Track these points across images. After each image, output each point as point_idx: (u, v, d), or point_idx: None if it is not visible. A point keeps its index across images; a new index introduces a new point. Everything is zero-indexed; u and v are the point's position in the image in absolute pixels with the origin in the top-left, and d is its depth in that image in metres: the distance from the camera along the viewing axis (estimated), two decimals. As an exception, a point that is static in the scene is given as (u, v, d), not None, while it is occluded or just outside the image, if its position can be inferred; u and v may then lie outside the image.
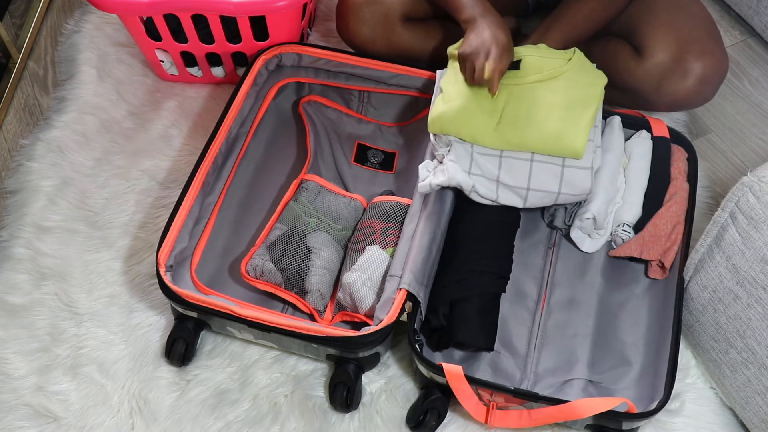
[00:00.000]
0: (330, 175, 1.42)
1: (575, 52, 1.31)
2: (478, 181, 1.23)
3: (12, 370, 1.27)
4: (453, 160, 1.23)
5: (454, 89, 1.26)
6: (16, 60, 1.66)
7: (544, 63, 1.28)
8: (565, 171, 1.23)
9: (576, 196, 1.25)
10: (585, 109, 1.24)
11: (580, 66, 1.29)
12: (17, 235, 1.41)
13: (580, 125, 1.23)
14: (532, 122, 1.23)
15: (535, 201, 1.25)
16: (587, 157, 1.24)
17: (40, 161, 1.50)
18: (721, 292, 1.13)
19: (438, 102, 1.26)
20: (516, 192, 1.24)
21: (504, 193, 1.25)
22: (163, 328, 1.30)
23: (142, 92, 1.61)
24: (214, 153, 1.33)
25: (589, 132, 1.24)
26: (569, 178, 1.24)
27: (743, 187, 1.05)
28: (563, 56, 1.29)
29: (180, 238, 1.25)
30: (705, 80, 1.38)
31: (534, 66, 1.27)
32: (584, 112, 1.24)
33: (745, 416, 1.19)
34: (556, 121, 1.23)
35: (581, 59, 1.30)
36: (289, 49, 1.46)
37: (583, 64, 1.30)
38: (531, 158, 1.24)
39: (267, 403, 1.23)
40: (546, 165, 1.24)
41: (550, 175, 1.24)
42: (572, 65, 1.28)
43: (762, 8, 1.64)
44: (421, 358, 1.15)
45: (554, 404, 1.11)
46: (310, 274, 1.24)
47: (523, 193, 1.24)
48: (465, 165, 1.23)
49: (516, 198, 1.25)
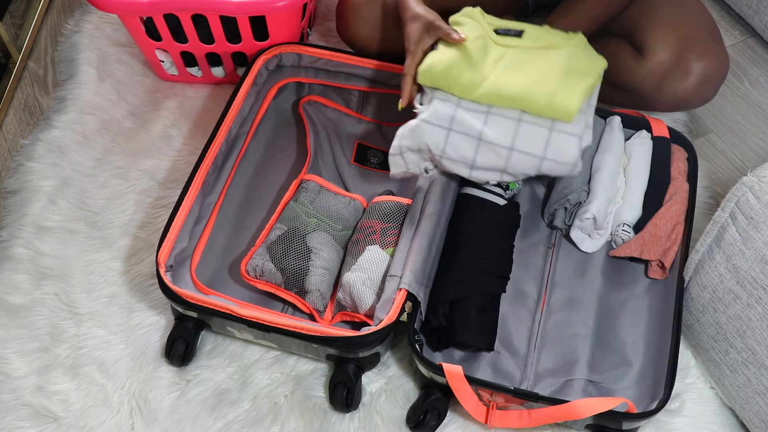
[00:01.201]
0: (330, 175, 1.42)
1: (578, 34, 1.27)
2: (456, 140, 1.17)
3: (12, 370, 1.27)
4: (426, 119, 1.18)
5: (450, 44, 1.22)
6: (16, 60, 1.66)
7: (546, 35, 1.24)
8: (553, 135, 1.17)
9: (561, 165, 1.17)
10: (583, 77, 1.19)
11: (581, 44, 1.25)
12: (17, 235, 1.41)
13: (576, 88, 1.17)
14: (527, 78, 1.18)
15: (516, 164, 1.18)
16: (577, 126, 1.18)
17: (40, 161, 1.50)
18: (721, 292, 1.13)
19: (432, 54, 1.21)
20: (497, 152, 1.18)
21: (484, 154, 1.18)
22: (163, 328, 1.30)
23: (142, 92, 1.61)
24: (214, 153, 1.33)
25: (584, 102, 1.18)
26: (556, 144, 1.17)
27: (743, 187, 1.05)
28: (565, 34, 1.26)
29: (180, 238, 1.25)
30: (706, 80, 1.38)
31: (535, 36, 1.24)
32: (582, 79, 1.19)
33: (745, 416, 1.19)
34: (552, 79, 1.18)
35: (583, 40, 1.26)
36: (289, 49, 1.46)
37: (585, 44, 1.26)
38: (519, 117, 1.17)
39: (267, 403, 1.23)
40: (534, 126, 1.17)
41: (537, 137, 1.17)
42: (573, 41, 1.24)
43: (762, 8, 1.64)
44: (421, 358, 1.15)
45: (554, 404, 1.11)
46: (310, 274, 1.24)
47: (505, 154, 1.17)
48: (444, 121, 1.18)
49: (496, 159, 1.18)
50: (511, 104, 1.17)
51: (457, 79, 1.18)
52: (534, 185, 1.40)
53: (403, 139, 1.20)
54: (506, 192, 1.34)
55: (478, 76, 1.18)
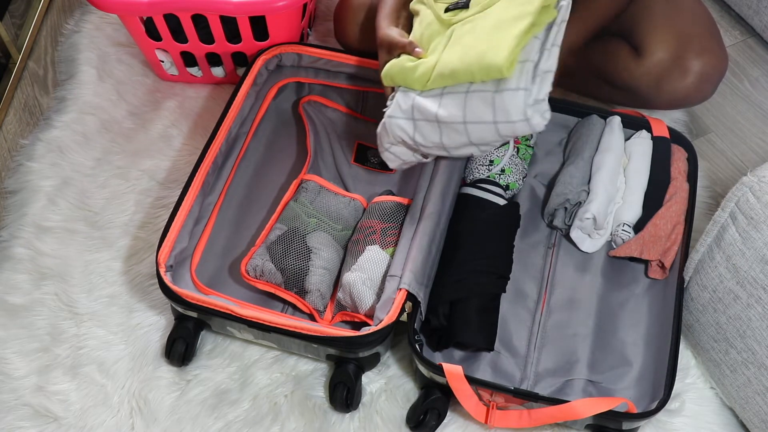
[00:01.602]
0: (330, 175, 1.42)
1: None
2: (421, 128, 1.18)
3: (12, 370, 1.27)
4: (390, 114, 1.19)
5: None
6: (16, 60, 1.66)
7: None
8: (497, 96, 1.11)
9: (513, 124, 1.11)
10: (514, 23, 1.12)
11: None
12: (17, 235, 1.41)
13: (504, 40, 1.11)
14: (460, 49, 1.15)
15: (477, 136, 1.15)
16: (520, 80, 1.10)
17: (40, 161, 1.50)
18: (721, 292, 1.13)
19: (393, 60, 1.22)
20: (456, 129, 1.15)
21: (447, 134, 1.16)
22: (163, 328, 1.30)
23: (142, 92, 1.61)
24: (214, 153, 1.33)
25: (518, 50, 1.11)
26: (501, 103, 1.11)
27: (743, 187, 1.05)
28: None
29: (180, 238, 1.25)
30: (705, 78, 1.38)
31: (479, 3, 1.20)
32: (512, 26, 1.12)
33: (745, 416, 1.19)
34: (482, 41, 1.13)
35: None
36: (289, 49, 1.46)
37: None
38: (467, 89, 1.14)
39: (267, 403, 1.23)
40: (479, 93, 1.13)
41: (484, 103, 1.11)
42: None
43: (762, 8, 1.64)
44: (421, 358, 1.15)
45: (554, 404, 1.11)
46: (310, 274, 1.24)
47: (462, 128, 1.15)
48: (407, 113, 1.18)
49: (458, 135, 1.15)
50: (456, 80, 1.14)
51: (412, 75, 1.18)
52: (534, 185, 1.40)
53: (382, 137, 1.22)
54: (506, 192, 1.34)
55: (429, 66, 1.17)
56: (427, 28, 1.22)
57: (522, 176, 1.37)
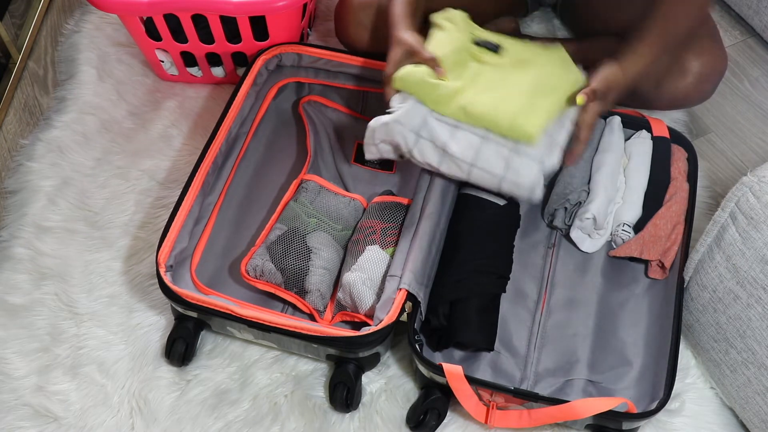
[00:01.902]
0: (330, 175, 1.42)
1: (558, 47, 1.27)
2: (423, 146, 1.19)
3: (12, 370, 1.27)
4: (398, 120, 1.19)
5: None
6: (16, 60, 1.66)
7: (523, 51, 1.24)
8: (514, 157, 1.16)
9: (519, 188, 1.17)
10: (549, 95, 1.19)
11: (559, 59, 1.25)
12: (17, 235, 1.41)
13: (538, 109, 1.17)
14: (495, 98, 1.18)
15: (477, 179, 1.19)
16: (539, 150, 1.17)
17: (40, 161, 1.50)
18: (721, 292, 1.13)
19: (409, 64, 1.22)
20: (459, 165, 1.18)
21: (447, 165, 1.19)
22: (163, 328, 1.30)
23: (142, 92, 1.61)
24: (214, 153, 1.33)
25: (548, 122, 1.17)
26: (516, 166, 1.16)
27: (743, 187, 1.05)
28: (543, 49, 1.26)
29: (180, 238, 1.25)
30: (704, 78, 1.38)
31: (512, 52, 1.24)
32: (547, 96, 1.18)
33: (745, 416, 1.19)
34: (517, 100, 1.18)
35: (562, 54, 1.26)
36: (289, 49, 1.46)
37: (563, 58, 1.26)
38: (485, 135, 1.17)
39: (267, 403, 1.23)
40: (496, 146, 1.17)
41: (498, 156, 1.17)
42: (549, 56, 1.24)
43: (762, 8, 1.64)
44: (421, 358, 1.15)
45: (554, 404, 1.11)
46: (310, 274, 1.24)
47: (466, 168, 1.18)
48: (414, 126, 1.19)
49: (458, 171, 1.19)
50: (478, 123, 1.18)
51: (430, 92, 1.19)
52: (534, 185, 1.41)
53: (376, 131, 1.21)
54: (506, 192, 1.35)
55: (450, 93, 1.19)
56: (454, 54, 1.22)
57: (522, 176, 1.37)
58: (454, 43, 1.23)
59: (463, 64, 1.23)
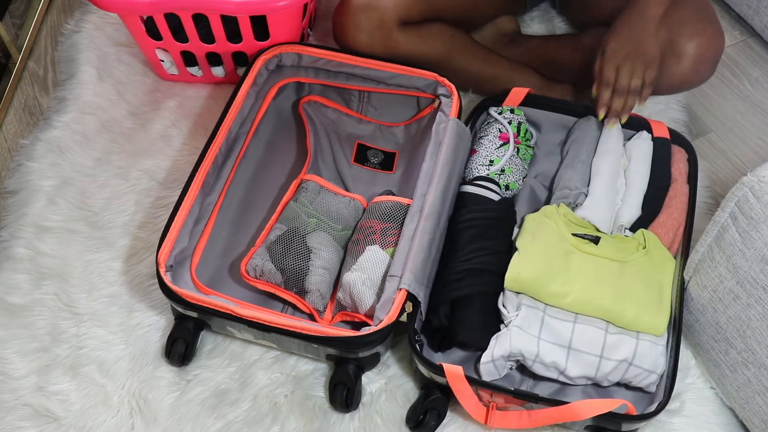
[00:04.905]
0: (330, 175, 1.42)
1: (645, 239, 1.26)
2: (547, 348, 1.17)
3: (12, 370, 1.27)
4: (519, 326, 1.17)
5: (533, 249, 1.23)
6: (16, 60, 1.66)
7: (621, 245, 1.25)
8: (640, 344, 1.17)
9: (647, 372, 1.16)
10: (662, 290, 1.21)
11: (654, 253, 1.25)
12: (17, 235, 1.41)
13: (660, 304, 1.19)
14: (613, 291, 1.19)
15: (606, 370, 1.16)
16: (664, 336, 1.19)
17: (40, 161, 1.50)
18: (721, 292, 1.13)
19: (515, 261, 1.22)
20: (588, 361, 1.17)
21: (574, 362, 1.16)
22: (163, 328, 1.30)
23: (142, 92, 1.61)
24: (214, 153, 1.33)
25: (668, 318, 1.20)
26: (642, 351, 1.16)
27: (743, 187, 1.05)
28: (636, 243, 1.26)
29: (180, 238, 1.25)
30: (700, 60, 1.37)
31: (609, 246, 1.25)
32: (662, 292, 1.21)
33: (745, 416, 1.19)
34: (635, 295, 1.19)
35: (654, 242, 1.26)
36: (289, 49, 1.46)
37: (656, 246, 1.26)
38: (606, 328, 1.18)
39: (267, 403, 1.23)
40: (621, 336, 1.18)
41: (624, 345, 1.17)
42: (645, 255, 1.24)
43: (762, 8, 1.64)
44: (421, 359, 1.15)
45: (554, 405, 1.11)
46: (310, 274, 1.24)
47: (596, 362, 1.17)
48: (534, 330, 1.18)
49: (587, 367, 1.17)
50: (599, 315, 1.19)
51: (545, 287, 1.19)
52: (534, 186, 1.40)
53: (496, 347, 1.17)
54: (506, 192, 1.34)
55: (564, 285, 1.19)
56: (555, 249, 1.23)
57: (522, 176, 1.37)
58: (555, 235, 1.25)
59: (568, 256, 1.23)
